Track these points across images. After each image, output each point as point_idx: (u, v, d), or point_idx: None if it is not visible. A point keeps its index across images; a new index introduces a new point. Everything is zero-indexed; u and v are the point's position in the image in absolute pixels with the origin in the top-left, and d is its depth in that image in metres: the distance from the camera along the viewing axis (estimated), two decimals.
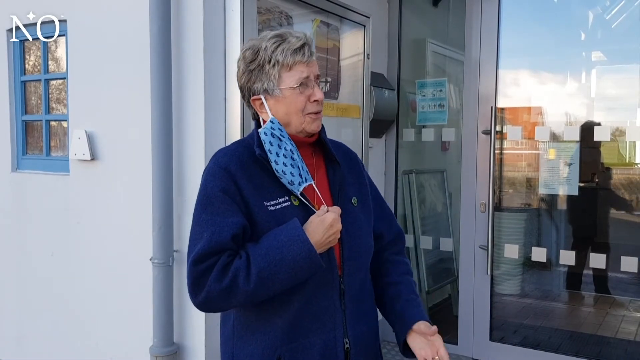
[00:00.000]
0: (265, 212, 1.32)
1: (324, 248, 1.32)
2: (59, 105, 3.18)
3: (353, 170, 1.53)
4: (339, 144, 1.58)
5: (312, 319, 1.36)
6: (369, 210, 1.51)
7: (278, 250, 1.26)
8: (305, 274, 1.30)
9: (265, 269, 1.26)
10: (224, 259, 1.27)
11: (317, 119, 1.39)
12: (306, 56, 1.34)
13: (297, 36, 1.36)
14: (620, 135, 3.41)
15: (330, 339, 1.37)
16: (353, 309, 1.41)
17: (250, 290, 1.26)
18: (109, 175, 2.83)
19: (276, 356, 1.35)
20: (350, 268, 1.41)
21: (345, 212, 1.39)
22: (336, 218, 1.31)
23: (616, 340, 3.55)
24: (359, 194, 1.50)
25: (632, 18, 3.35)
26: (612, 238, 3.67)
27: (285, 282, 1.28)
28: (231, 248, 1.29)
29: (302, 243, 1.26)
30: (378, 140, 3.83)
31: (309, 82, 1.36)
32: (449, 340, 3.69)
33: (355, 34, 3.25)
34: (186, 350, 2.61)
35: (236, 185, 1.32)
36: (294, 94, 1.35)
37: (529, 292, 4.02)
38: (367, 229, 1.48)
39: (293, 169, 1.33)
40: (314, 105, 1.37)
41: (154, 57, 2.49)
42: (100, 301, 2.90)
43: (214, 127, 2.51)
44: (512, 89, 3.66)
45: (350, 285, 1.41)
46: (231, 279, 1.25)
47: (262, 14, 2.62)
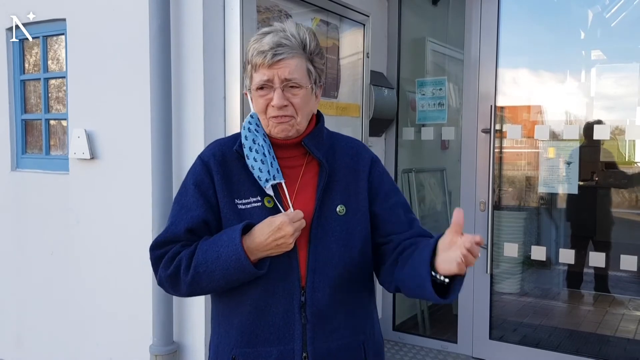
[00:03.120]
0: (234, 209, 1.32)
1: (272, 252, 1.26)
2: (59, 104, 3.18)
3: (354, 176, 1.41)
4: (353, 145, 1.48)
5: (268, 327, 1.31)
6: (359, 221, 1.38)
7: (216, 248, 1.27)
8: (239, 276, 1.26)
9: (202, 264, 1.27)
10: (176, 249, 1.31)
11: (280, 123, 1.31)
12: (267, 59, 1.27)
13: (274, 34, 1.30)
14: (620, 134, 3.42)
15: (287, 351, 1.31)
16: (317, 324, 1.32)
17: (188, 281, 1.29)
18: (109, 174, 2.83)
19: (231, 355, 1.35)
20: (315, 280, 1.31)
21: (322, 220, 1.33)
22: (285, 221, 1.24)
23: (616, 339, 3.55)
24: (350, 202, 1.37)
25: (631, 17, 3.35)
26: (612, 237, 3.67)
27: (221, 281, 1.28)
28: (186, 239, 1.32)
29: (234, 245, 1.24)
30: (378, 139, 3.83)
31: (271, 85, 1.29)
32: (448, 339, 3.70)
33: (355, 33, 3.25)
34: (186, 349, 2.61)
35: (211, 180, 1.34)
36: (256, 95, 1.33)
37: (529, 290, 4.02)
38: (348, 242, 1.35)
39: (263, 165, 1.31)
40: (273, 109, 1.30)
41: (154, 56, 2.49)
42: (99, 300, 2.90)
43: (214, 125, 2.51)
44: (512, 88, 3.66)
45: (315, 298, 1.31)
46: (175, 267, 1.30)
47: (261, 12, 2.62)
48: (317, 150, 1.37)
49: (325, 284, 1.32)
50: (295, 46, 1.31)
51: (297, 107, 1.32)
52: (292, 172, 1.37)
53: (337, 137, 1.49)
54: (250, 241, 1.26)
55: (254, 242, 1.26)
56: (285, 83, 1.29)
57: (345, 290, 1.36)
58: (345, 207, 1.36)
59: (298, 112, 1.32)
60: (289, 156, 1.37)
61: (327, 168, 1.36)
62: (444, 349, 3.68)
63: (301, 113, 1.33)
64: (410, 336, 3.85)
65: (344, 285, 1.35)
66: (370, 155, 1.48)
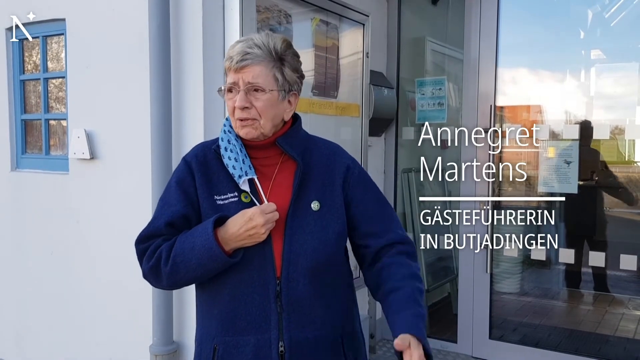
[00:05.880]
0: (212, 205, 1.41)
1: (245, 243, 1.34)
2: (58, 104, 3.18)
3: (328, 174, 1.47)
4: (331, 147, 1.54)
5: (246, 315, 1.38)
6: (334, 217, 1.43)
7: (192, 239, 1.35)
8: (213, 265, 1.34)
9: (179, 254, 1.35)
10: (157, 242, 1.39)
11: (245, 125, 1.39)
12: (234, 63, 1.36)
13: (244, 42, 1.39)
14: (620, 134, 3.42)
15: (264, 339, 1.37)
16: (292, 313, 1.37)
17: (167, 272, 1.36)
18: (109, 174, 2.83)
19: (213, 345, 1.41)
20: (290, 271, 1.37)
21: (296, 214, 1.39)
22: (256, 212, 1.32)
23: (615, 338, 3.55)
24: (325, 199, 1.43)
25: (631, 16, 3.35)
26: (612, 236, 3.67)
27: (198, 270, 1.35)
28: (167, 233, 1.40)
29: (206, 235, 1.32)
30: (377, 139, 3.83)
31: (238, 88, 1.38)
32: (448, 339, 3.70)
33: (355, 33, 3.25)
34: (186, 349, 2.62)
35: (192, 179, 1.43)
36: (226, 97, 1.42)
37: (529, 290, 4.02)
38: (322, 236, 1.40)
39: (236, 162, 1.40)
40: (237, 111, 1.39)
41: (153, 55, 2.49)
42: (99, 300, 2.91)
43: (213, 125, 2.51)
44: (512, 87, 3.66)
45: (290, 288, 1.37)
46: (156, 259, 1.37)
47: (261, 12, 2.62)
48: (291, 149, 1.44)
49: (300, 274, 1.38)
50: (262, 54, 1.37)
51: (259, 110, 1.38)
52: (267, 170, 1.44)
53: (315, 140, 1.55)
54: (224, 232, 1.34)
55: (227, 233, 1.33)
56: (248, 86, 1.37)
57: (321, 284, 1.41)
58: (320, 203, 1.43)
59: (262, 115, 1.39)
60: (264, 156, 1.45)
61: (302, 165, 1.43)
62: (443, 348, 3.68)
63: (265, 116, 1.39)
64: None
65: (319, 278, 1.41)
66: (348, 157, 1.54)
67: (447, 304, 4.21)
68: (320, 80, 2.97)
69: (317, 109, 2.91)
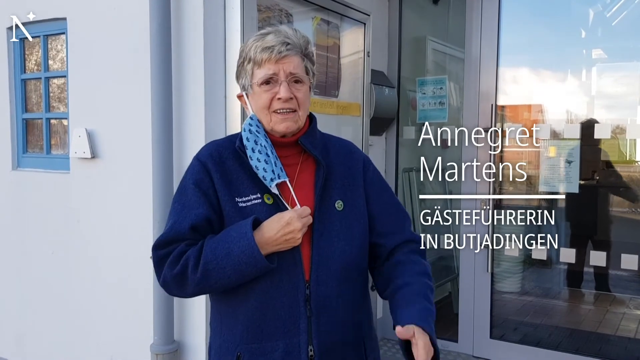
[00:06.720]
0: (235, 207, 1.35)
1: (281, 247, 1.30)
2: (59, 103, 3.18)
3: (349, 173, 1.45)
4: (346, 144, 1.53)
5: (274, 320, 1.34)
6: (357, 215, 1.43)
7: (226, 244, 1.28)
8: (251, 271, 1.28)
9: (211, 261, 1.28)
10: (181, 247, 1.32)
11: (285, 119, 1.36)
12: (275, 53, 1.32)
13: (276, 34, 1.36)
14: (621, 133, 3.41)
15: (293, 344, 1.33)
16: (321, 317, 1.35)
17: (197, 280, 1.29)
18: (110, 173, 2.83)
19: (236, 353, 1.36)
20: (319, 274, 1.35)
21: (323, 216, 1.36)
22: (294, 217, 1.28)
23: (616, 338, 3.55)
24: (347, 198, 1.42)
25: (632, 15, 3.35)
26: (613, 236, 3.67)
27: (232, 276, 1.29)
28: (190, 238, 1.33)
29: (246, 240, 1.26)
30: (378, 138, 3.83)
31: (277, 79, 1.34)
32: (449, 338, 3.70)
33: (356, 32, 3.25)
34: (187, 348, 2.62)
35: (210, 180, 1.36)
36: (260, 91, 1.36)
37: (530, 289, 4.02)
38: (348, 236, 1.39)
39: (267, 165, 1.34)
40: (279, 102, 1.35)
41: (154, 55, 2.49)
42: (100, 299, 2.91)
43: (214, 125, 2.51)
44: (513, 87, 3.66)
45: (319, 292, 1.34)
46: (182, 266, 1.30)
47: (262, 11, 2.62)
48: (314, 148, 1.41)
49: (329, 277, 1.35)
50: (298, 46, 1.37)
51: (300, 102, 1.37)
52: (288, 170, 1.39)
53: (330, 138, 1.54)
54: (260, 236, 1.28)
55: (263, 237, 1.28)
56: (290, 77, 1.35)
57: (347, 285, 1.39)
58: (343, 202, 1.41)
59: (301, 106, 1.37)
60: (285, 155, 1.40)
61: (325, 165, 1.40)
62: (444, 348, 3.68)
63: (303, 108, 1.38)
64: None
65: (345, 279, 1.39)
66: (363, 154, 1.54)
67: (448, 303, 4.21)
68: (321, 80, 2.97)
69: (318, 108, 2.91)
